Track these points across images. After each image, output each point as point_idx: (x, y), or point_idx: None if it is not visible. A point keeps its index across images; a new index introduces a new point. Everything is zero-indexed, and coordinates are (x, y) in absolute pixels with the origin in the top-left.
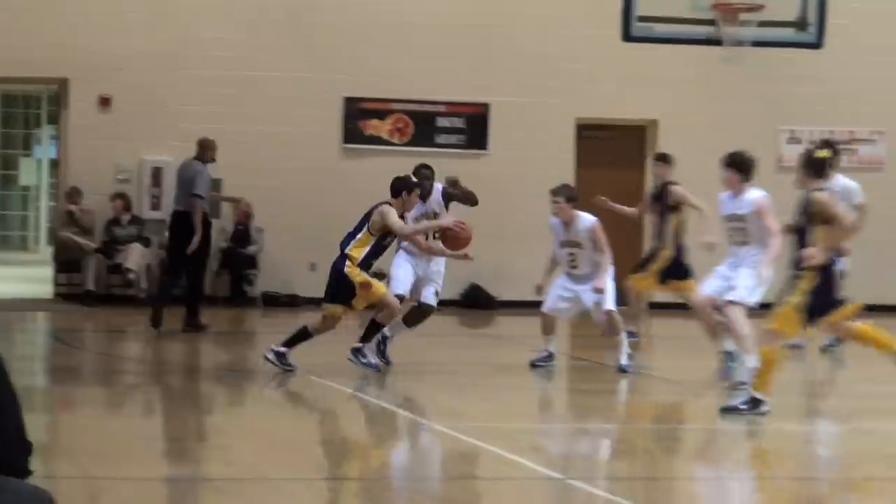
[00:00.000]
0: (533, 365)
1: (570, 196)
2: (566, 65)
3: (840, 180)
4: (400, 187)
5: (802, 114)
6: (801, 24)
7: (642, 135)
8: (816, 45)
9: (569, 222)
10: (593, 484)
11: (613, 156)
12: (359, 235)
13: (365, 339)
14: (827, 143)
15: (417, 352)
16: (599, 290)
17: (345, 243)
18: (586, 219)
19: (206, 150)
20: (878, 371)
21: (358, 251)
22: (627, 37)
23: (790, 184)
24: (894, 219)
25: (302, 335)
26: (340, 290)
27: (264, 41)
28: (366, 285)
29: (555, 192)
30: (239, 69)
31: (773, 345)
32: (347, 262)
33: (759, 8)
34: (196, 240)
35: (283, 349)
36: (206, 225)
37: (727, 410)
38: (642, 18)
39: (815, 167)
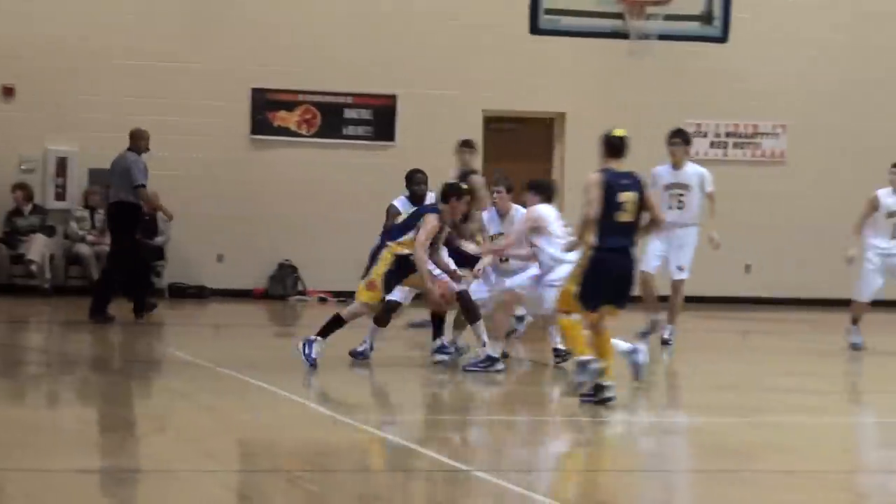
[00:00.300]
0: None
1: (509, 186)
2: (474, 57)
3: (691, 167)
4: (449, 193)
5: (707, 107)
6: (706, 19)
7: (550, 127)
8: (722, 39)
9: (504, 214)
10: (499, 475)
11: (521, 148)
12: (406, 236)
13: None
14: (680, 132)
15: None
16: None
17: (393, 235)
18: (522, 211)
19: (138, 140)
20: (787, 367)
21: (399, 249)
22: (535, 29)
23: None
24: (796, 210)
25: (335, 323)
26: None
27: (173, 31)
28: (371, 285)
29: (496, 182)
30: (146, 59)
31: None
32: (383, 253)
33: (665, 2)
34: (168, 212)
35: (313, 337)
36: (141, 216)
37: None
38: (550, 11)
39: (609, 146)
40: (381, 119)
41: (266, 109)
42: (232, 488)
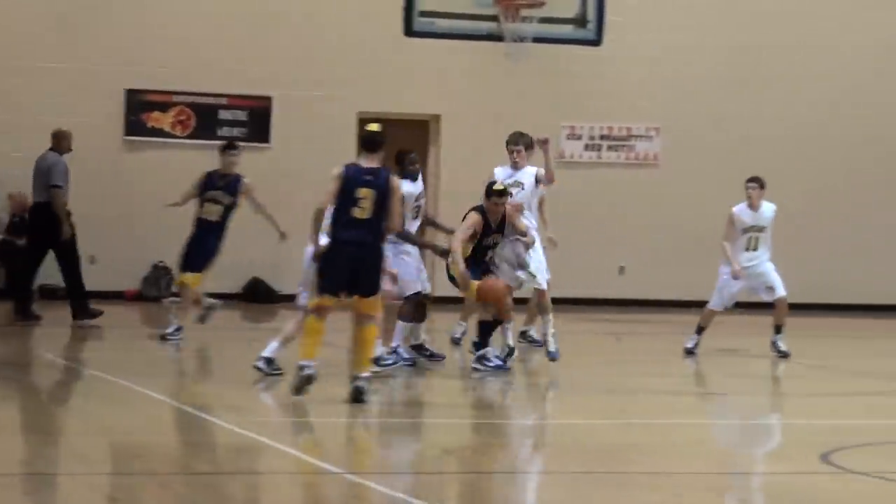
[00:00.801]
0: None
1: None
2: (349, 59)
3: (529, 170)
4: (486, 191)
5: (582, 110)
6: (580, 22)
7: (425, 129)
8: (595, 42)
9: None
10: (372, 479)
11: (395, 150)
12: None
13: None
14: (521, 135)
15: (200, 345)
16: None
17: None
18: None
19: (60, 141)
20: (659, 369)
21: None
22: (410, 31)
23: (570, 178)
24: (669, 212)
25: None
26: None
27: (46, 31)
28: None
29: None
30: (19, 59)
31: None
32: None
33: (539, 4)
34: (65, 229)
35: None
36: (67, 214)
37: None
38: (424, 13)
39: (361, 140)
40: (256, 120)
41: (140, 110)
42: (101, 491)
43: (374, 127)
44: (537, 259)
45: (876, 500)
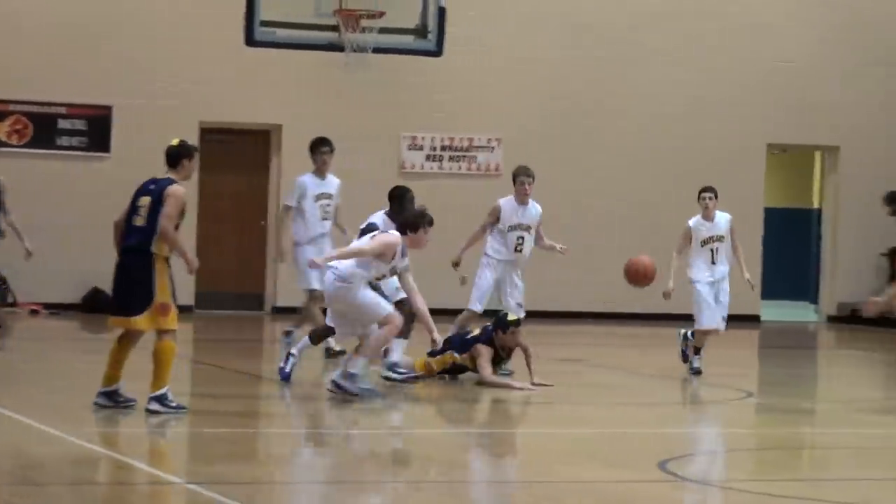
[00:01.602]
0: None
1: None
2: (190, 68)
3: (332, 178)
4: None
5: (423, 121)
6: (421, 32)
7: (266, 139)
8: (436, 52)
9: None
10: (211, 488)
11: (237, 160)
12: None
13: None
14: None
15: (39, 356)
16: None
17: None
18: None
19: None
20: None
21: None
22: (251, 41)
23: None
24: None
25: None
26: None
27: None
28: None
29: (525, 173)
30: None
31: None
32: None
33: (379, 15)
34: None
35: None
36: None
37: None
38: (265, 23)
39: (165, 156)
40: (95, 129)
41: None
42: None
43: (174, 142)
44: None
45: None
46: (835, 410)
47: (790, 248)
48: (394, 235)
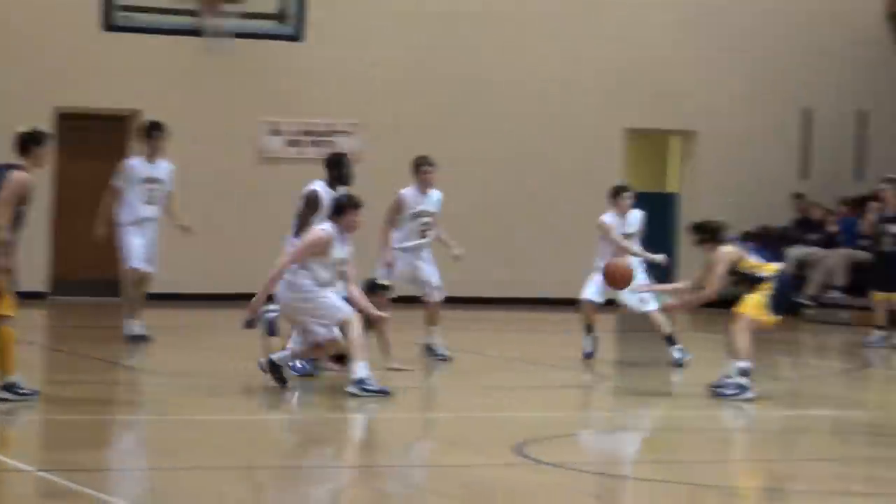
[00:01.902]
0: None
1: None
2: (45, 53)
3: (163, 164)
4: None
5: (283, 106)
6: (281, 17)
7: (126, 125)
8: (296, 37)
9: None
10: (63, 476)
11: (96, 147)
12: None
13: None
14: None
15: None
16: None
17: None
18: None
19: None
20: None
21: None
22: (109, 26)
23: (272, 174)
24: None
25: None
26: None
27: None
28: None
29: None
30: None
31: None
32: None
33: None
34: None
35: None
36: None
37: None
38: (123, 7)
39: (16, 143)
40: None
41: None
42: None
43: (24, 128)
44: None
45: (568, 491)
46: (691, 393)
47: (649, 233)
48: (320, 229)
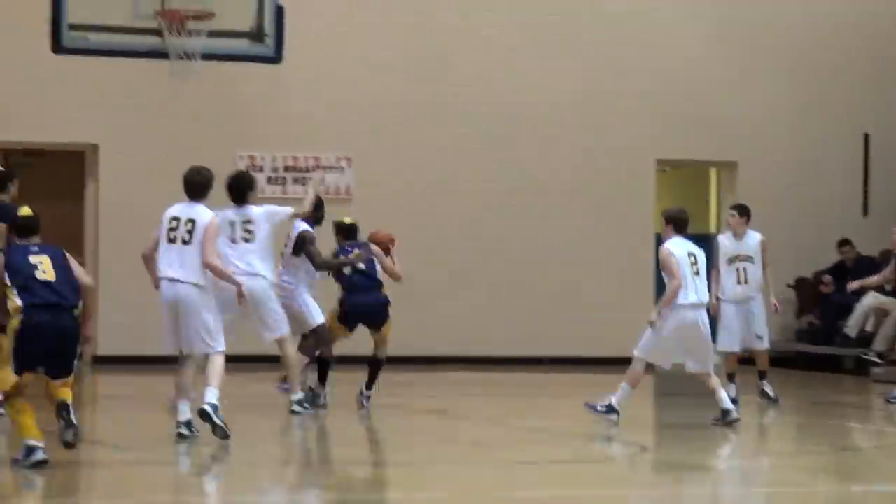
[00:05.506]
0: None
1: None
2: None
3: None
4: None
5: (262, 137)
6: (257, 36)
7: (81, 161)
8: (275, 59)
9: None
10: None
11: (47, 186)
12: None
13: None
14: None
15: None
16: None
17: None
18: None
19: None
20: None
21: None
22: (59, 48)
23: None
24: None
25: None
26: None
27: None
28: None
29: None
30: None
31: None
32: None
33: (208, 16)
34: None
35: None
36: None
37: None
38: (75, 27)
39: None
40: None
41: None
42: None
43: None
44: None
45: None
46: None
47: None
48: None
